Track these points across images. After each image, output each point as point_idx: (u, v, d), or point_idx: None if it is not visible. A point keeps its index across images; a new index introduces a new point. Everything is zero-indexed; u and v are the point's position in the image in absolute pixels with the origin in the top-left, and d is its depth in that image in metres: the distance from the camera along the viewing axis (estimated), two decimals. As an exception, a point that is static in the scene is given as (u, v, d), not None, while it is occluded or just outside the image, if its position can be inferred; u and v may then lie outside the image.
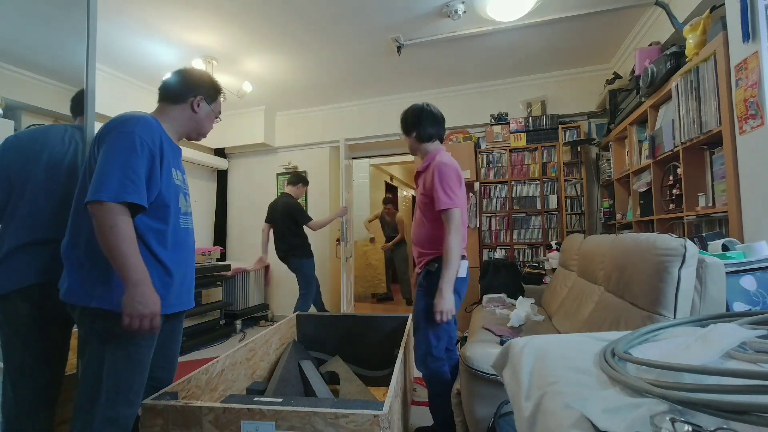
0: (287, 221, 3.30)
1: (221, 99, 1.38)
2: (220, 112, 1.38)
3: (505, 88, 3.98)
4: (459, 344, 2.93)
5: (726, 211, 1.65)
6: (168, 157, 1.16)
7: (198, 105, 1.28)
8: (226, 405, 1.09)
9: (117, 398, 1.06)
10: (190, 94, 1.27)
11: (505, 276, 3.00)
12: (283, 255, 3.34)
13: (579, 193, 3.58)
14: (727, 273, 1.22)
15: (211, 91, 1.32)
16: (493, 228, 3.86)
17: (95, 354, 1.07)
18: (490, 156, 3.91)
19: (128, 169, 1.03)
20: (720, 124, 1.64)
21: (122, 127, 1.08)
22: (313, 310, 3.40)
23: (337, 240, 4.26)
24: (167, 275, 1.16)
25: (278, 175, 4.80)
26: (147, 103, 3.79)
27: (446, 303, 1.55)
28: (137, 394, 1.11)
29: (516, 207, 3.80)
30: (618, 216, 3.13)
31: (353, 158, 5.01)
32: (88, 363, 1.08)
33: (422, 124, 1.95)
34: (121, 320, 1.01)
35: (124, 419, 1.08)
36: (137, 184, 1.04)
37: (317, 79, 3.83)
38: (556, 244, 3.45)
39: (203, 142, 4.45)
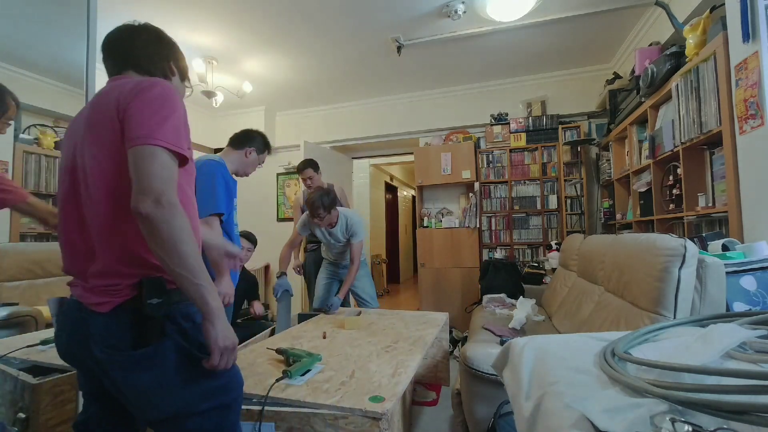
0: None
1: (266, 154, 1.88)
2: (263, 162, 1.89)
3: (505, 88, 3.98)
4: (459, 344, 2.94)
5: (726, 211, 1.65)
6: (234, 190, 1.70)
7: (249, 154, 1.78)
8: (226, 405, 1.09)
9: None
10: (244, 143, 1.76)
11: (505, 276, 3.00)
12: None
13: (579, 193, 3.58)
14: (727, 273, 1.22)
15: (260, 145, 1.81)
16: (493, 228, 3.86)
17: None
18: (490, 156, 3.91)
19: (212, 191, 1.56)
20: (720, 124, 1.64)
21: (205, 168, 1.57)
22: None
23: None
24: None
25: (278, 175, 4.81)
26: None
27: None
28: None
29: (516, 207, 3.80)
30: (618, 216, 3.13)
31: (353, 158, 5.02)
32: None
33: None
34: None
35: None
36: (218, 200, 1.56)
37: (317, 79, 3.83)
38: (556, 244, 3.45)
39: (204, 141, 4.46)
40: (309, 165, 3.01)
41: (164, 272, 0.76)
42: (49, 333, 1.72)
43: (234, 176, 1.76)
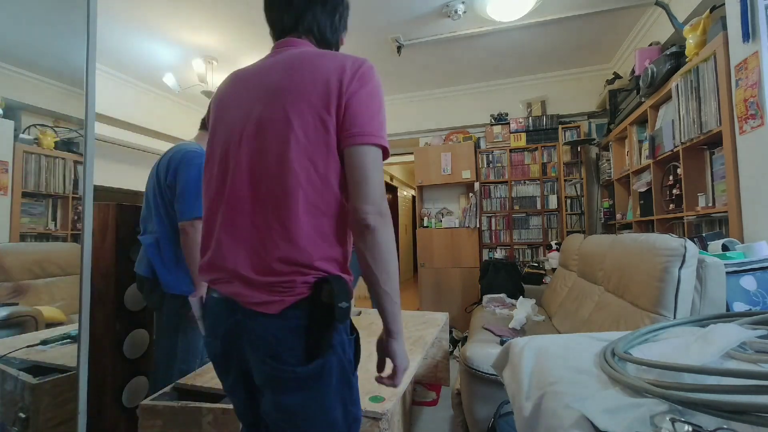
0: None
1: None
2: None
3: (505, 88, 3.98)
4: (459, 344, 2.94)
5: (726, 211, 1.65)
6: None
7: None
8: (226, 406, 1.09)
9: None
10: None
11: (505, 276, 3.00)
12: None
13: (579, 193, 3.58)
14: (727, 273, 1.22)
15: None
16: (493, 228, 3.86)
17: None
18: (490, 156, 3.91)
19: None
20: (720, 124, 1.64)
21: (192, 161, 1.45)
22: None
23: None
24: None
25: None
26: (147, 103, 3.81)
27: None
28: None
29: (516, 207, 3.80)
30: (618, 216, 3.13)
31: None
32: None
33: None
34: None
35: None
36: None
37: (317, 79, 3.82)
38: (556, 244, 3.45)
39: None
40: None
41: (339, 272, 0.68)
42: (50, 333, 1.72)
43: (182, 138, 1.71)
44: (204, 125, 1.56)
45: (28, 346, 1.56)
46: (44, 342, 1.60)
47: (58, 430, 1.35)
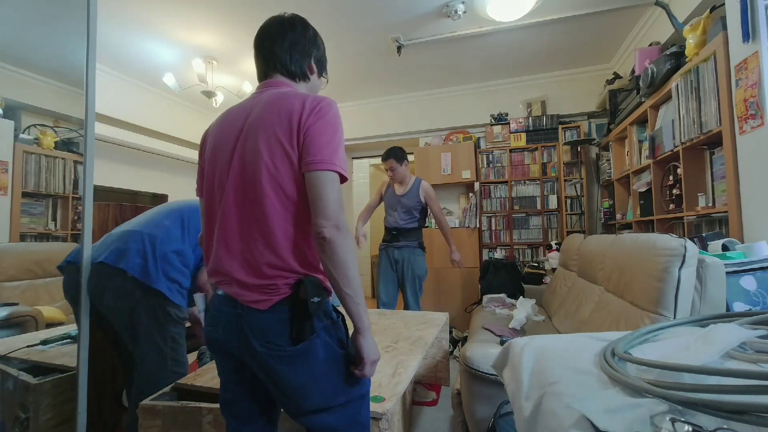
0: None
1: None
2: None
3: (505, 88, 3.97)
4: (459, 344, 2.94)
5: (726, 211, 1.65)
6: None
7: None
8: (226, 405, 1.09)
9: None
10: None
11: (505, 276, 3.00)
12: None
13: (579, 193, 3.58)
14: (727, 273, 1.22)
15: None
16: (493, 228, 3.86)
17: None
18: (490, 156, 3.91)
19: None
20: (720, 124, 1.64)
21: None
22: None
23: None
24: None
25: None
26: (147, 103, 3.81)
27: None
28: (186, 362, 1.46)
29: (516, 207, 3.80)
30: (618, 216, 3.13)
31: (353, 158, 5.02)
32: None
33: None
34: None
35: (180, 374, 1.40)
36: None
37: (317, 79, 3.82)
38: (556, 244, 3.45)
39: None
40: (391, 155, 2.74)
41: (313, 273, 0.83)
42: (50, 333, 1.72)
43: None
44: None
45: (28, 346, 1.56)
46: (44, 342, 1.60)
47: (58, 430, 1.36)
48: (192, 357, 1.76)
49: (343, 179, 0.83)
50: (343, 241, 0.78)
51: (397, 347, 1.58)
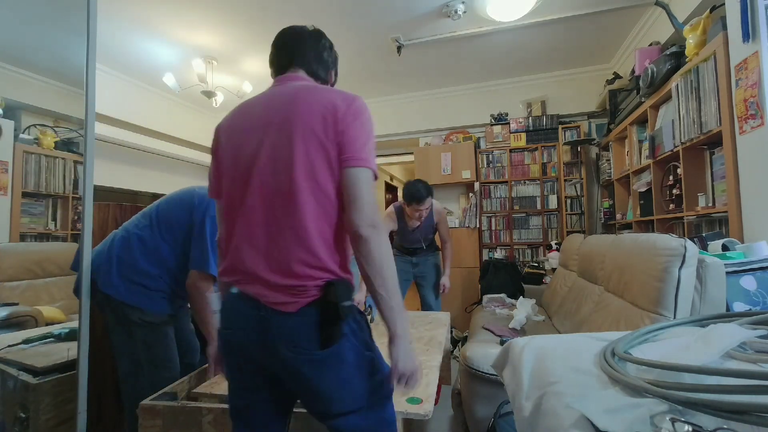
0: None
1: None
2: None
3: (505, 88, 3.97)
4: (459, 344, 2.94)
5: (726, 211, 1.65)
6: None
7: None
8: (226, 406, 1.09)
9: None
10: None
11: (505, 276, 3.00)
12: None
13: (579, 193, 3.58)
14: (727, 273, 1.22)
15: None
16: (493, 228, 3.86)
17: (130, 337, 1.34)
18: (490, 156, 3.91)
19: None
20: (720, 124, 1.64)
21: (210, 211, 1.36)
22: None
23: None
24: None
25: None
26: (147, 103, 3.81)
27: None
28: (171, 361, 1.38)
29: (516, 207, 3.80)
30: (618, 216, 3.13)
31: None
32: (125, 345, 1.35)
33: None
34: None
35: (165, 381, 1.30)
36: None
37: (317, 79, 3.82)
38: (556, 244, 3.45)
39: (204, 141, 4.45)
40: (424, 193, 2.35)
41: (344, 274, 0.80)
42: (38, 331, 1.69)
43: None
44: None
45: (9, 346, 1.55)
46: (26, 341, 1.57)
47: (58, 430, 1.35)
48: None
49: (374, 179, 0.82)
50: (379, 239, 0.76)
51: (413, 347, 1.59)
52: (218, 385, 1.27)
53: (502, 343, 1.64)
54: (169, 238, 1.37)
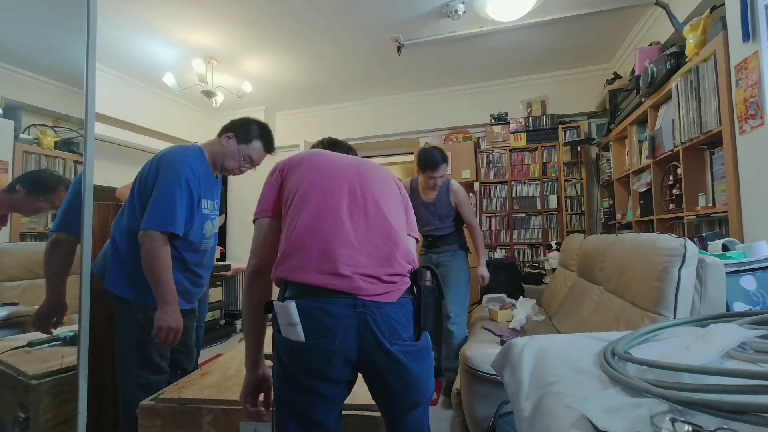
0: None
1: (257, 146, 1.47)
2: (251, 159, 1.48)
3: (505, 88, 3.97)
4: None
5: (726, 211, 1.65)
6: (202, 192, 1.36)
7: (226, 141, 1.43)
8: (225, 406, 1.09)
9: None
10: (226, 131, 1.45)
11: (505, 276, 3.00)
12: None
13: (579, 193, 3.58)
14: (727, 273, 1.22)
15: (243, 133, 1.44)
16: (493, 228, 3.86)
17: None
18: (490, 156, 3.91)
19: (172, 204, 1.26)
20: (720, 124, 1.64)
21: (172, 166, 1.30)
22: None
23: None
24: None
25: (278, 175, 4.81)
26: (147, 103, 3.81)
27: None
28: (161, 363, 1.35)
29: (516, 207, 3.80)
30: (618, 216, 3.13)
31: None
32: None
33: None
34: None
35: (154, 383, 1.30)
36: (176, 218, 1.26)
37: (317, 79, 3.83)
38: (556, 244, 3.45)
39: (204, 141, 4.45)
40: (440, 160, 2.23)
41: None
42: (37, 335, 1.68)
43: (218, 172, 1.49)
44: (223, 133, 1.45)
45: (12, 349, 1.54)
46: (30, 344, 1.57)
47: (58, 430, 1.35)
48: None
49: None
50: None
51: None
52: (210, 389, 1.27)
53: (502, 343, 1.64)
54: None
